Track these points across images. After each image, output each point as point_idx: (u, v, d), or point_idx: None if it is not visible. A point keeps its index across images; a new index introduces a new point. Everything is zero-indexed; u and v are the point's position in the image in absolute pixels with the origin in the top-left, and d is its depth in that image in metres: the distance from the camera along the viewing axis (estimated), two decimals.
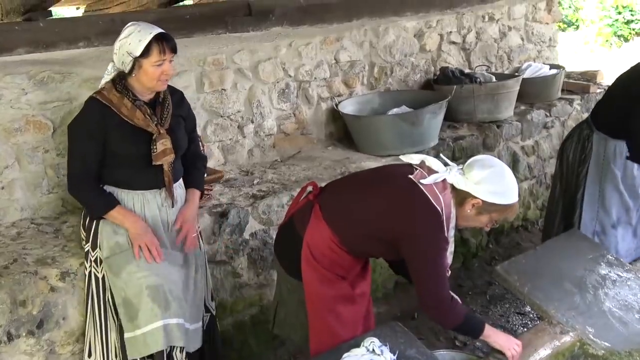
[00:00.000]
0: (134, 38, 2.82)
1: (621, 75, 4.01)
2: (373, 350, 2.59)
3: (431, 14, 5.61)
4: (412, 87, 5.48)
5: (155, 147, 2.91)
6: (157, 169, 2.97)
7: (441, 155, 2.87)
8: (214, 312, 3.33)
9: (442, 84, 5.29)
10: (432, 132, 4.70)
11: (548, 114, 5.71)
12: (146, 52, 2.82)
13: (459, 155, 4.89)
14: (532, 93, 5.73)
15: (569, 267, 3.56)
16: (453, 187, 2.68)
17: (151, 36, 2.82)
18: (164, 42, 2.86)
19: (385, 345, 2.63)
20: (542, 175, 5.69)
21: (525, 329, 4.07)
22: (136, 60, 2.84)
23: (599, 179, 3.97)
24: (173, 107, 3.04)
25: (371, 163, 4.47)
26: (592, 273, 3.54)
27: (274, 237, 3.15)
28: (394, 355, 2.62)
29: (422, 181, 2.64)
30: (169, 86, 3.06)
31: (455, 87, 5.03)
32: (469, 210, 2.69)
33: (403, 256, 2.66)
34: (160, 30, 2.87)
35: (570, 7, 18.51)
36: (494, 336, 2.81)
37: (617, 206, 4.01)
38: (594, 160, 3.97)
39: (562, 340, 3.06)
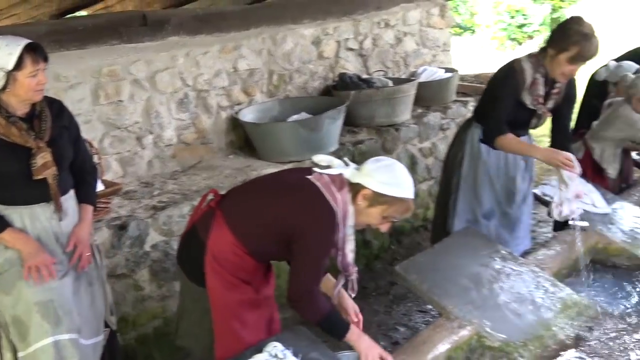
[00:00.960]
0: (3, 52, 2.75)
1: None
2: (276, 355, 2.61)
3: (328, 21, 5.69)
4: (311, 93, 5.54)
5: (34, 161, 2.84)
6: (42, 183, 2.90)
7: (345, 158, 2.90)
8: (113, 327, 3.27)
9: (340, 89, 5.37)
10: (332, 137, 4.77)
11: (444, 116, 5.89)
12: (19, 65, 2.76)
13: (360, 159, 4.91)
14: (428, 96, 5.90)
15: (466, 264, 3.68)
16: (350, 184, 2.74)
17: (21, 47, 2.76)
18: (35, 52, 2.80)
19: (289, 349, 2.65)
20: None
21: None
22: (10, 75, 2.77)
23: (474, 168, 4.15)
24: (53, 118, 2.98)
25: (272, 170, 4.46)
26: (488, 268, 3.67)
27: (176, 247, 3.13)
28: (298, 358, 2.64)
29: (319, 172, 2.73)
30: (47, 97, 3.00)
31: (352, 92, 5.12)
32: (360, 202, 2.73)
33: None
34: (28, 40, 2.81)
35: (466, 12, 19.03)
36: (358, 341, 2.82)
37: (489, 196, 4.18)
38: (469, 149, 4.16)
39: (460, 334, 3.15)
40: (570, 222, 4.35)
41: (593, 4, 21.75)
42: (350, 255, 2.84)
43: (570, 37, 3.73)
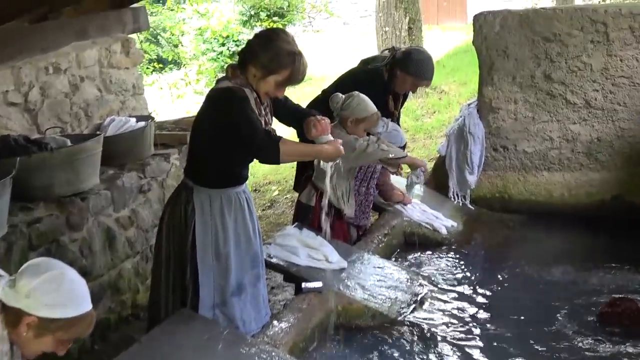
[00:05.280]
0: None
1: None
2: None
3: None
4: None
5: None
6: None
7: None
8: None
9: (4, 157, 5.18)
10: None
11: (142, 176, 5.91)
12: None
13: (38, 243, 4.85)
14: (121, 152, 5.88)
15: (183, 355, 3.73)
16: (5, 308, 2.60)
17: None
18: None
19: None
20: (147, 249, 5.86)
21: None
22: None
23: (212, 240, 4.20)
24: None
25: None
26: (212, 356, 3.75)
27: None
28: None
29: None
30: None
31: (19, 159, 4.96)
32: (24, 334, 2.60)
33: None
34: None
35: (168, 43, 19.23)
36: None
37: (236, 268, 4.28)
38: (200, 220, 4.20)
39: None
40: (303, 285, 4.58)
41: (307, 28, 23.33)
42: None
43: (280, 59, 3.99)
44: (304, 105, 5.17)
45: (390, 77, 5.72)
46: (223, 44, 21.04)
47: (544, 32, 6.22)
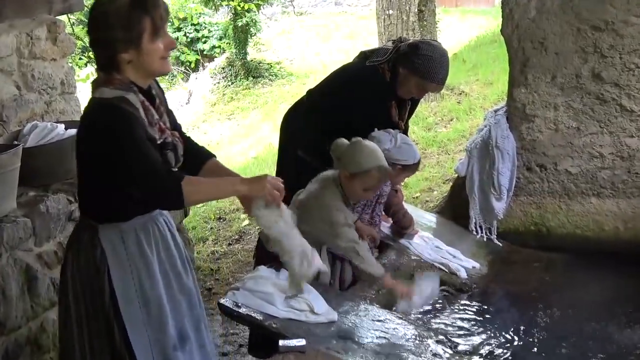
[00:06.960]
0: None
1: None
2: None
3: None
4: None
5: None
6: None
7: None
8: None
9: None
10: None
11: (72, 199, 5.88)
12: None
13: None
14: (45, 169, 5.85)
15: None
16: None
17: None
18: None
19: None
20: None
21: None
22: None
23: (136, 286, 4.18)
24: None
25: None
26: None
27: None
28: None
29: None
30: None
31: None
32: None
33: None
34: None
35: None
36: None
37: (173, 312, 4.26)
38: (115, 264, 4.13)
39: None
40: (280, 343, 4.57)
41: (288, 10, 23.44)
42: None
43: (131, 17, 3.79)
44: (283, 108, 5.14)
45: (393, 76, 5.69)
46: (179, 29, 20.99)
47: (593, 19, 6.23)
